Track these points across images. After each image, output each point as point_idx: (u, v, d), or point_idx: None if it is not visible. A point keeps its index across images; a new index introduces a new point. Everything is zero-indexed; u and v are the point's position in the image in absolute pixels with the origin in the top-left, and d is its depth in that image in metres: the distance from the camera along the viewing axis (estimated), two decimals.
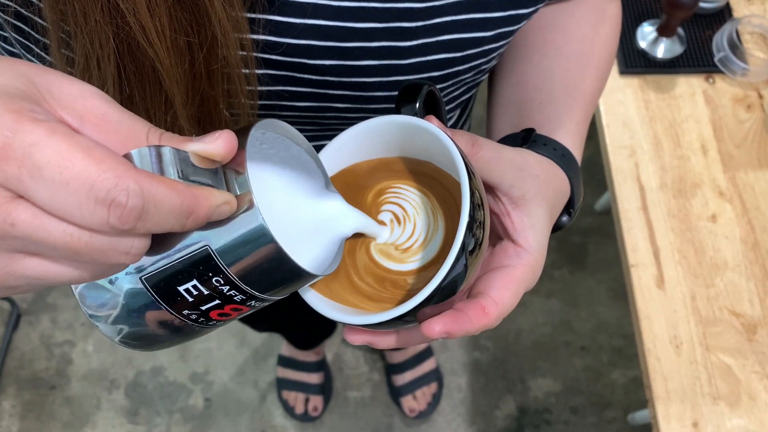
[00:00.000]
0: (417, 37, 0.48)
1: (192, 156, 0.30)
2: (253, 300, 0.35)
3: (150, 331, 0.36)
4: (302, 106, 0.52)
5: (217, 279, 0.32)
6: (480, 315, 0.39)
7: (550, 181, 0.47)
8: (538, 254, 0.44)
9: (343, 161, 0.44)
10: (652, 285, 0.95)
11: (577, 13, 0.62)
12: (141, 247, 0.28)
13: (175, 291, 0.33)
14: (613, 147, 1.05)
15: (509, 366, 1.76)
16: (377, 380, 1.77)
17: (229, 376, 1.77)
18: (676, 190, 1.01)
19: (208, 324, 0.36)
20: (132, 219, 0.26)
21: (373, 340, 0.41)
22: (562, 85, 0.59)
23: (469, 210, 0.36)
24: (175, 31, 0.40)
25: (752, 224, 0.98)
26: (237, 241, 0.32)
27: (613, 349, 1.76)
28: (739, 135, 1.05)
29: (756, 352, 0.90)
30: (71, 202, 0.25)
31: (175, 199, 0.27)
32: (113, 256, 0.27)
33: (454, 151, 0.38)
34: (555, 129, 0.55)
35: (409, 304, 0.36)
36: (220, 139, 0.31)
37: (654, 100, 1.08)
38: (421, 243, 0.42)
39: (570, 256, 1.87)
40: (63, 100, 0.28)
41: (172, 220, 0.28)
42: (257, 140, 0.38)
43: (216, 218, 0.30)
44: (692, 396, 0.88)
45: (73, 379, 1.78)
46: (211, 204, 0.29)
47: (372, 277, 0.42)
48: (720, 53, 1.08)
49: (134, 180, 0.26)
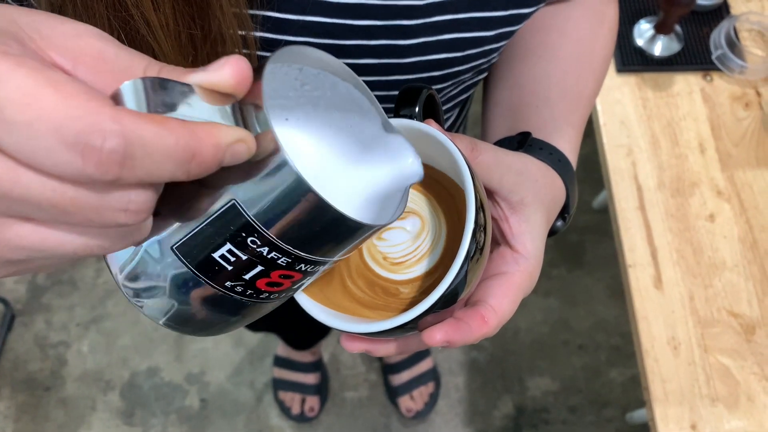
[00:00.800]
0: (417, 36, 0.47)
1: (197, 90, 0.26)
2: (301, 263, 0.30)
3: (195, 311, 0.32)
4: None
5: (253, 239, 0.28)
6: (480, 324, 0.38)
7: (548, 186, 0.46)
8: (535, 260, 0.43)
9: None
10: (649, 285, 0.94)
11: (575, 15, 0.61)
12: (141, 201, 0.24)
13: (211, 259, 0.29)
14: (611, 146, 1.04)
15: (507, 365, 1.76)
16: (374, 380, 1.76)
17: (225, 377, 1.77)
18: (674, 189, 1.00)
19: (260, 297, 0.32)
20: (114, 166, 0.22)
21: (371, 348, 0.40)
22: (558, 89, 0.58)
23: (474, 217, 0.35)
24: (179, 25, 0.38)
25: (750, 223, 0.97)
26: (266, 190, 0.27)
27: (611, 348, 1.75)
28: (737, 133, 1.04)
29: (755, 353, 0.90)
30: (39, 147, 0.21)
31: (168, 138, 0.23)
32: (108, 215, 0.23)
33: (458, 155, 0.37)
34: (551, 133, 0.54)
35: (413, 312, 0.35)
36: (227, 66, 0.26)
37: (651, 98, 1.07)
38: (419, 256, 0.41)
39: (567, 254, 1.87)
40: (54, 40, 0.25)
41: (170, 165, 0.23)
42: (296, 80, 0.33)
43: (232, 161, 0.25)
44: (690, 398, 0.87)
45: (68, 381, 1.77)
46: (219, 141, 0.24)
47: (363, 280, 0.41)
48: (718, 51, 1.07)
49: (111, 118, 0.22)
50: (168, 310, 0.32)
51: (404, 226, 0.41)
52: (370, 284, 0.41)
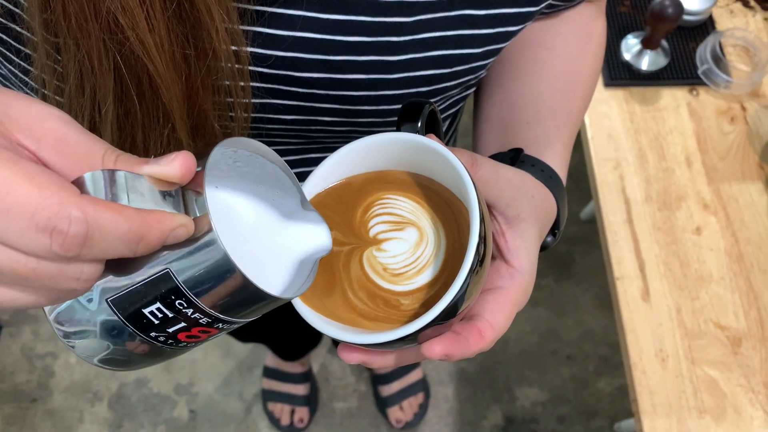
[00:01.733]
0: (405, 52, 0.48)
1: (148, 179, 0.30)
2: (219, 323, 0.34)
3: (123, 353, 0.35)
4: (289, 119, 0.52)
5: (180, 302, 0.32)
6: (477, 339, 0.39)
7: (542, 202, 0.47)
8: (529, 276, 0.44)
9: (339, 175, 0.44)
10: (637, 298, 0.95)
11: (564, 31, 0.62)
12: (91, 272, 0.28)
13: (140, 313, 0.33)
14: (598, 159, 1.05)
15: (496, 375, 1.76)
16: (363, 391, 1.76)
17: (214, 388, 1.76)
18: (661, 202, 1.02)
19: (178, 346, 0.36)
20: (75, 246, 0.26)
21: (369, 359, 0.41)
22: (548, 105, 0.58)
23: (478, 230, 0.36)
24: (173, 45, 0.40)
25: (736, 236, 0.99)
26: (197, 264, 0.31)
27: (599, 358, 1.76)
28: (723, 147, 1.06)
29: (741, 365, 0.91)
30: (13, 229, 0.25)
31: (122, 225, 0.27)
32: (63, 282, 0.27)
33: (461, 169, 0.38)
34: (542, 150, 0.54)
35: (415, 325, 0.36)
36: (176, 161, 0.30)
37: (639, 112, 1.09)
38: (419, 267, 0.41)
39: (556, 264, 1.88)
40: (21, 122, 0.28)
41: (120, 246, 0.27)
42: (230, 158, 0.37)
43: (173, 242, 0.30)
44: (678, 410, 0.88)
45: (55, 392, 1.76)
46: (164, 228, 0.29)
47: (364, 292, 0.41)
48: (703, 66, 1.09)
49: (77, 206, 0.25)
50: (97, 351, 0.36)
51: (402, 236, 0.42)
52: (371, 296, 0.41)
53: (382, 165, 0.43)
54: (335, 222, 0.43)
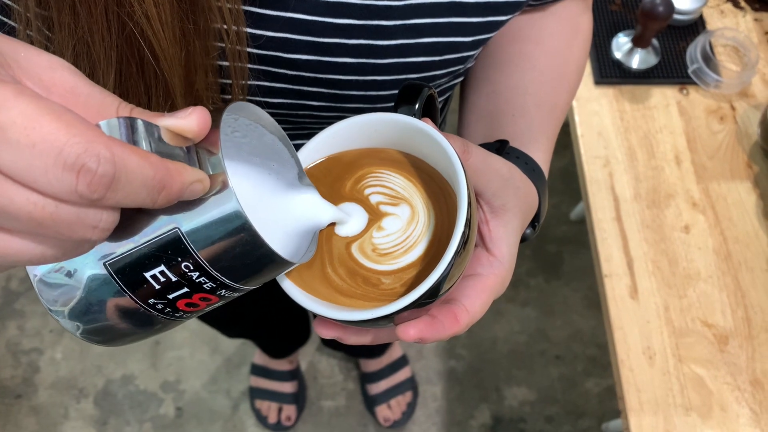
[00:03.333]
0: (395, 37, 0.48)
1: (164, 132, 0.29)
2: (223, 289, 0.34)
3: (112, 323, 0.34)
4: (275, 103, 0.52)
5: (186, 264, 0.31)
6: (452, 323, 0.39)
7: (526, 195, 0.47)
8: (509, 265, 0.44)
9: (329, 149, 0.44)
10: (625, 295, 0.95)
11: (551, 25, 0.62)
12: (110, 221, 0.27)
13: (141, 277, 0.32)
14: (588, 157, 1.05)
15: (484, 375, 1.76)
16: (352, 389, 1.75)
17: (201, 385, 1.75)
18: (650, 200, 1.02)
19: (174, 316, 0.35)
20: (102, 187, 0.24)
21: (344, 335, 0.41)
22: (534, 99, 0.59)
23: (465, 214, 0.36)
24: (175, 19, 0.40)
25: (725, 235, 0.99)
26: (208, 223, 0.30)
27: (587, 358, 1.76)
28: (712, 146, 1.06)
29: (727, 363, 0.91)
30: (37, 166, 0.24)
31: (148, 171, 0.26)
32: (80, 230, 0.26)
33: (452, 154, 0.38)
34: (527, 143, 0.55)
35: (398, 304, 0.36)
36: (194, 115, 0.30)
37: (629, 110, 1.09)
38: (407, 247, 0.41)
39: (545, 264, 1.88)
40: (30, 70, 0.27)
41: (143, 193, 0.26)
42: (229, 127, 0.37)
43: (188, 197, 0.29)
44: (665, 407, 0.88)
45: (40, 388, 1.74)
46: (185, 180, 0.28)
47: (344, 269, 0.41)
48: (693, 65, 1.09)
49: (106, 146, 0.24)
50: (85, 321, 0.34)
51: (397, 212, 0.42)
52: (351, 273, 0.41)
53: (374, 143, 0.43)
54: (322, 193, 0.43)
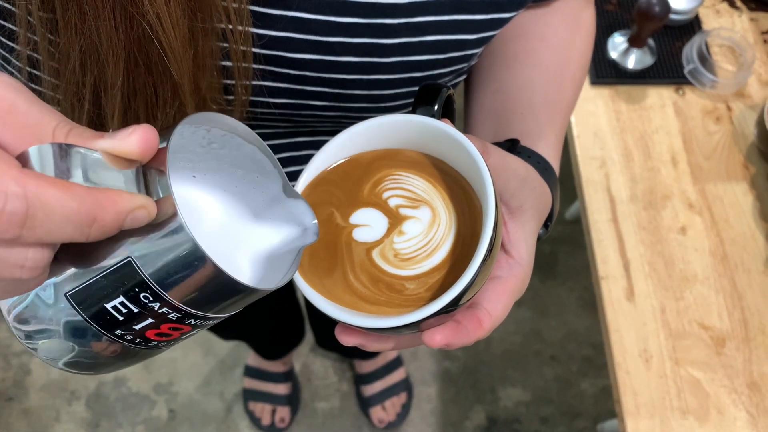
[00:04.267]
0: (399, 35, 0.47)
1: (104, 155, 0.27)
2: (191, 318, 0.32)
3: (90, 355, 0.33)
4: (278, 103, 0.51)
5: (145, 295, 0.29)
6: (476, 328, 0.38)
7: (542, 195, 0.47)
8: (528, 267, 0.44)
9: (347, 152, 0.42)
10: (622, 298, 0.94)
11: (554, 21, 0.62)
12: (38, 258, 0.25)
13: (102, 309, 0.30)
14: (584, 158, 1.04)
15: (479, 375, 1.75)
16: (346, 391, 1.74)
17: (194, 387, 1.74)
18: (646, 201, 1.01)
19: (149, 345, 0.33)
20: (13, 226, 0.23)
21: (367, 342, 0.40)
22: (541, 96, 0.58)
23: (493, 217, 0.36)
24: (184, 18, 0.39)
25: (721, 237, 0.98)
26: (161, 251, 0.28)
27: (582, 359, 1.76)
28: (708, 147, 1.05)
29: (725, 365, 0.90)
30: None
31: (69, 204, 0.24)
32: (5, 270, 0.25)
33: (477, 156, 0.37)
34: (536, 140, 0.54)
35: (422, 313, 0.35)
36: (134, 135, 0.27)
37: (625, 111, 1.08)
38: (430, 251, 0.40)
39: (540, 264, 1.87)
40: None
41: (69, 228, 0.25)
42: (203, 138, 0.35)
43: (132, 225, 0.27)
44: (662, 410, 0.87)
45: (31, 391, 1.73)
46: (120, 209, 0.26)
47: (366, 276, 0.40)
48: (689, 65, 1.08)
49: (15, 181, 0.23)
50: (61, 353, 0.33)
51: (418, 215, 0.41)
52: (373, 280, 0.40)
53: (393, 145, 0.42)
54: (338, 199, 0.42)
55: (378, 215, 0.41)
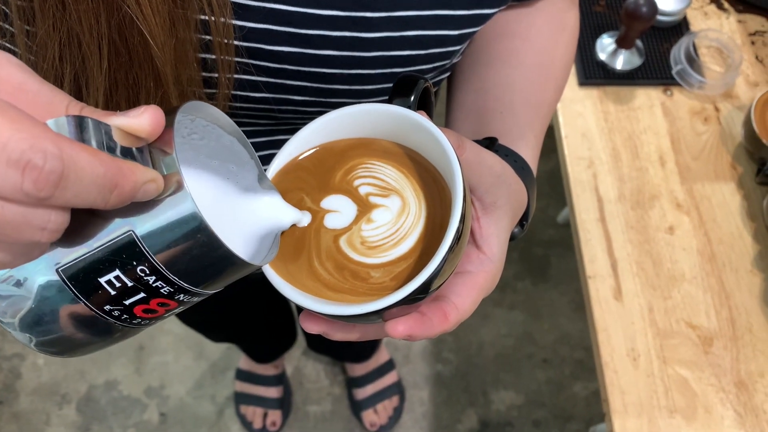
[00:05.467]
0: (380, 29, 0.47)
1: (115, 131, 0.28)
2: (181, 293, 0.33)
3: (67, 333, 0.33)
4: (258, 97, 0.51)
5: (142, 268, 0.30)
6: (441, 320, 0.38)
7: (517, 192, 0.47)
8: (499, 263, 0.43)
9: (320, 139, 0.42)
10: (609, 297, 0.94)
11: (538, 22, 0.62)
12: (59, 222, 0.26)
13: (95, 283, 0.31)
14: (572, 158, 1.04)
15: (471, 379, 1.75)
16: (338, 394, 1.74)
17: (185, 390, 1.73)
18: (634, 201, 1.01)
19: (132, 323, 0.34)
20: (50, 185, 0.23)
21: (331, 331, 0.40)
22: (522, 96, 0.58)
23: (461, 208, 0.35)
24: (166, 6, 0.40)
25: (709, 236, 0.98)
26: (164, 224, 0.30)
27: (575, 362, 1.76)
28: (696, 147, 1.05)
29: (712, 364, 0.90)
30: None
31: (98, 168, 0.25)
32: (27, 232, 0.25)
33: (448, 147, 0.37)
34: (515, 140, 0.54)
35: (386, 301, 0.35)
36: (146, 114, 0.29)
37: (613, 111, 1.08)
38: (397, 239, 0.40)
39: (532, 267, 1.87)
40: None
41: (94, 192, 0.25)
42: (186, 128, 0.36)
43: (142, 198, 0.28)
44: (649, 409, 0.87)
45: (22, 394, 1.72)
46: (137, 179, 0.27)
47: (332, 263, 0.40)
48: (677, 66, 1.09)
49: (53, 142, 0.23)
50: (40, 331, 0.33)
51: (387, 204, 0.41)
52: (338, 267, 0.40)
53: (367, 134, 0.42)
54: (310, 185, 0.42)
55: (347, 202, 0.41)
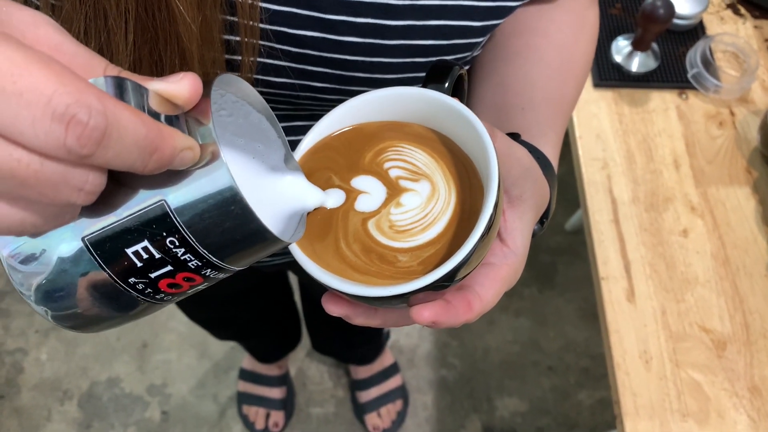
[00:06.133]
0: (404, 17, 0.47)
1: (152, 97, 0.27)
2: (208, 268, 0.32)
3: (88, 306, 0.32)
4: (278, 82, 0.50)
5: (172, 240, 0.30)
6: (465, 310, 0.38)
7: (542, 188, 0.46)
8: (522, 258, 0.43)
9: (352, 120, 0.42)
10: (622, 298, 0.93)
11: (558, 18, 0.61)
12: (96, 183, 0.25)
13: (122, 254, 0.30)
14: (586, 159, 1.03)
15: (476, 384, 1.74)
16: (341, 396, 1.73)
17: (188, 389, 1.72)
18: (648, 203, 1.00)
19: (155, 297, 0.33)
20: (93, 142, 0.23)
21: (353, 314, 0.39)
22: (543, 92, 0.58)
23: (495, 195, 0.35)
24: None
25: (723, 240, 0.97)
26: (197, 195, 0.29)
27: (580, 370, 1.74)
28: (711, 151, 1.05)
29: (725, 369, 0.89)
30: (24, 116, 0.22)
31: (141, 129, 0.24)
32: (64, 192, 0.24)
33: (484, 133, 0.37)
34: (536, 136, 0.54)
35: (416, 284, 0.34)
36: (185, 80, 0.28)
37: (627, 113, 1.08)
38: (426, 224, 0.39)
39: (539, 274, 1.86)
40: (12, 26, 0.25)
41: (135, 153, 0.25)
42: (215, 104, 0.35)
43: (178, 165, 0.27)
44: (661, 412, 0.86)
45: (24, 389, 1.71)
46: (177, 144, 0.26)
47: (359, 245, 0.39)
48: (693, 69, 1.08)
49: (98, 98, 0.23)
50: (58, 301, 0.32)
51: (417, 188, 0.40)
52: (366, 250, 0.39)
53: (400, 117, 0.42)
54: (338, 165, 0.41)
55: (377, 184, 0.40)
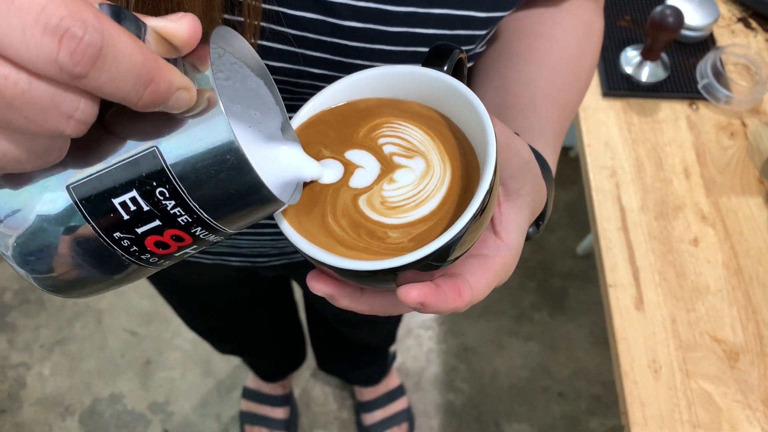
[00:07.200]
0: (406, 4, 0.46)
1: (150, 35, 0.26)
2: (199, 226, 0.30)
3: (70, 264, 0.30)
4: (276, 67, 0.49)
5: (162, 191, 0.28)
6: (455, 296, 0.36)
7: (540, 185, 0.45)
8: (516, 253, 0.41)
9: (350, 96, 0.41)
10: (630, 306, 0.91)
11: (563, 23, 0.61)
12: (87, 112, 0.23)
13: (108, 205, 0.28)
14: (594, 167, 1.02)
15: (484, 409, 1.69)
16: (345, 419, 1.69)
17: (190, 407, 1.69)
18: (657, 212, 0.98)
19: (141, 258, 0.31)
20: (86, 59, 0.21)
21: (338, 293, 0.38)
22: (544, 95, 0.57)
23: (491, 175, 0.34)
24: None
25: (735, 249, 0.95)
26: (191, 142, 0.27)
27: (591, 397, 1.70)
28: (722, 161, 1.03)
29: (738, 380, 0.86)
30: (14, 25, 0.20)
31: (138, 55, 0.23)
32: (53, 118, 0.22)
33: (484, 113, 0.36)
34: (536, 138, 0.53)
35: (405, 259, 0.33)
36: (185, 20, 0.27)
37: (637, 122, 1.06)
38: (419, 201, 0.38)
39: (550, 299, 1.83)
40: None
41: (130, 81, 0.23)
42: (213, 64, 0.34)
43: (172, 107, 0.26)
44: (671, 423, 0.83)
45: (26, 404, 1.69)
46: (173, 80, 0.25)
47: (347, 220, 0.38)
48: (704, 80, 1.07)
49: (94, 15, 0.21)
50: (39, 259, 0.30)
51: (411, 165, 0.39)
52: (354, 225, 0.37)
53: (397, 95, 0.41)
54: (330, 139, 0.40)
55: (371, 159, 0.39)
